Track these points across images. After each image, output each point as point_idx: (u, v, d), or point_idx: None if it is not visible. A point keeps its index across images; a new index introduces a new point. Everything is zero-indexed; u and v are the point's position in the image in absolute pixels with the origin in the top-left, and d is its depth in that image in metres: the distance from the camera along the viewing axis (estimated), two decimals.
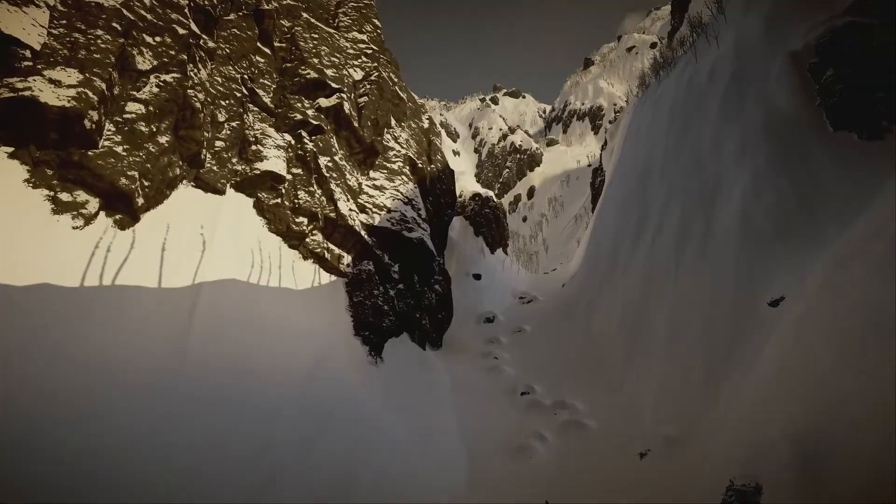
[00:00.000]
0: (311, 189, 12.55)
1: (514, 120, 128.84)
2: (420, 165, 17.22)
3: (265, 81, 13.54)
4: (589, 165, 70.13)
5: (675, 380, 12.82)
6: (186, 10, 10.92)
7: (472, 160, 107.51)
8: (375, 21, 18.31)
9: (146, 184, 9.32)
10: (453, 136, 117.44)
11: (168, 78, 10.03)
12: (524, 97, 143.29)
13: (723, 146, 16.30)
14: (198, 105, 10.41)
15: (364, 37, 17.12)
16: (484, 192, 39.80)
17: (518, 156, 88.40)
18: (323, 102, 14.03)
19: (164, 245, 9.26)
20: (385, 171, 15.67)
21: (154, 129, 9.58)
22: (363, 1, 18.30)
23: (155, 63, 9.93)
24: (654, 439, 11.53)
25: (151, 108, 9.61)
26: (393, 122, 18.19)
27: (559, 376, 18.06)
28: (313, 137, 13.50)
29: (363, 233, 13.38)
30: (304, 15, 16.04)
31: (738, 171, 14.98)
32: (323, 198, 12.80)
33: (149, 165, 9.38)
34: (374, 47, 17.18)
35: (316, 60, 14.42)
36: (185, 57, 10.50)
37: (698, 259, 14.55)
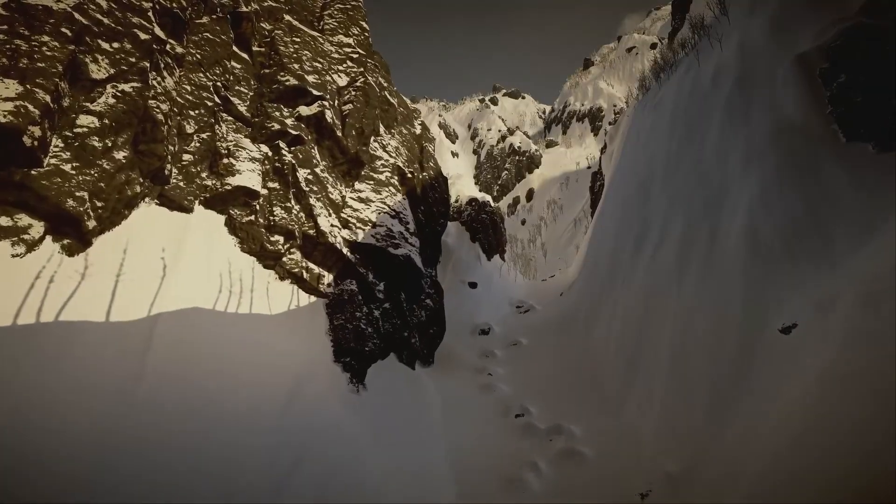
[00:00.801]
0: (289, 205, 11.73)
1: (513, 121, 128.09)
2: (409, 175, 16.40)
3: (241, 89, 12.71)
4: (588, 168, 69.34)
5: (678, 407, 12.00)
6: (150, 14, 10.10)
7: (471, 161, 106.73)
8: (363, 24, 17.48)
9: (99, 204, 8.51)
10: (452, 137, 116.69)
11: (127, 87, 9.20)
12: (524, 98, 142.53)
13: (728, 155, 15.47)
14: (160, 116, 9.59)
15: (350, 40, 16.29)
16: (481, 196, 39.00)
17: (517, 157, 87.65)
18: (303, 111, 13.20)
19: (120, 271, 8.45)
20: (371, 183, 14.85)
21: (109, 144, 8.76)
22: (350, 2, 17.47)
23: (112, 71, 9.10)
24: (656, 476, 10.72)
25: (107, 121, 8.79)
26: (381, 129, 17.36)
27: (555, 396, 17.26)
28: (292, 148, 12.68)
29: (345, 250, 12.57)
30: (287, 17, 15.21)
31: (744, 182, 14.13)
32: (301, 214, 11.98)
33: (102, 184, 8.56)
34: (361, 51, 16.35)
35: (296, 66, 13.59)
36: (148, 64, 9.68)
37: (702, 275, 13.72)
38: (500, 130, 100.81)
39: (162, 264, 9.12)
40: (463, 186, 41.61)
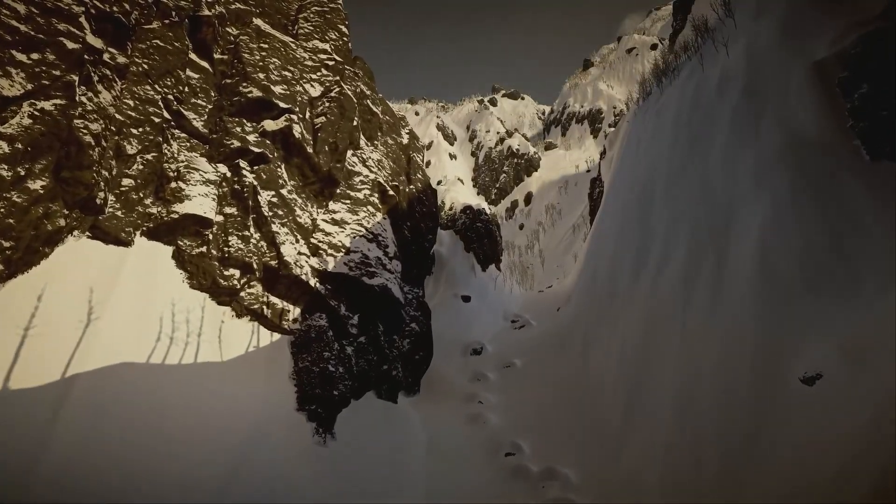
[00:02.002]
0: (247, 233, 10.45)
1: (512, 122, 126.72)
2: (391, 193, 15.10)
3: (198, 101, 11.42)
4: (588, 171, 68.00)
5: (685, 459, 10.68)
6: (82, 20, 8.81)
7: (470, 164, 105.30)
8: (342, 28, 16.18)
9: (7, 244, 7.24)
10: (450, 138, 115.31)
11: (48, 105, 7.92)
12: (523, 98, 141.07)
13: (736, 169, 14.13)
14: (88, 138, 8.31)
15: (326, 46, 14.99)
16: (476, 204, 37.68)
17: (515, 160, 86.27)
18: (269, 125, 11.92)
19: (30, 324, 7.18)
20: (347, 202, 13.56)
21: (22, 173, 7.49)
22: (329, 5, 16.17)
23: (29, 87, 7.82)
24: None
25: (20, 146, 7.51)
26: (363, 141, 16.07)
27: (550, 431, 15.95)
28: (255, 168, 11.40)
29: (313, 281, 11.29)
30: (256, 21, 13.92)
31: (754, 201, 12.77)
32: (262, 242, 10.70)
33: (12, 220, 7.29)
34: (338, 58, 15.04)
35: (262, 75, 12.30)
36: (76, 77, 8.40)
37: (710, 304, 12.39)
38: (498, 132, 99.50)
39: (87, 309, 7.84)
40: (458, 193, 40.32)
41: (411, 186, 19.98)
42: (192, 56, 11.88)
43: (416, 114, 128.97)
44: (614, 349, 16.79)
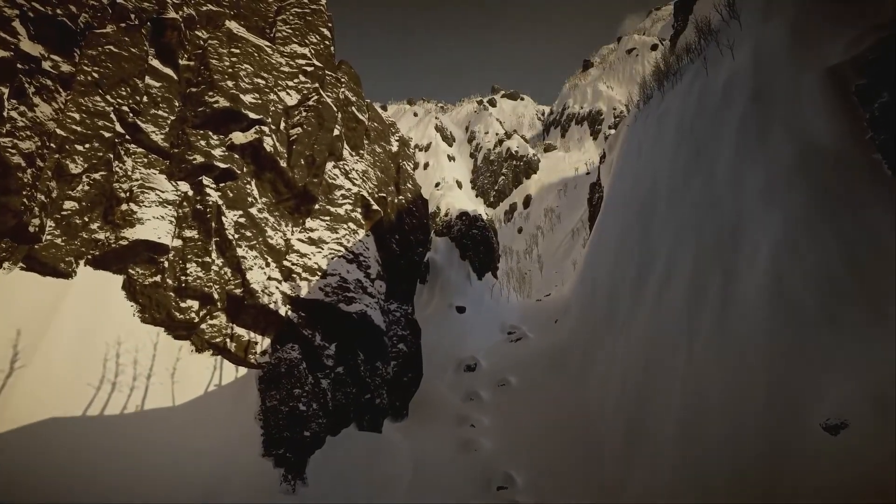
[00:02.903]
0: (208, 259, 9.46)
1: (511, 123, 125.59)
2: (375, 207, 14.08)
3: (160, 113, 10.43)
4: (587, 173, 66.94)
5: None
6: (16, 24, 7.84)
7: (468, 165, 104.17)
8: (324, 31, 15.18)
9: None
10: (449, 139, 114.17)
11: None
12: (522, 99, 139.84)
13: (743, 181, 13.10)
14: (17, 159, 7.32)
15: (305, 50, 13.98)
16: (472, 210, 36.71)
17: (514, 162, 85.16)
18: (237, 138, 10.93)
19: None
20: (327, 219, 12.57)
21: None
22: (310, 6, 15.17)
23: None
24: None
25: None
26: (346, 151, 15.07)
27: (545, 460, 14.95)
28: (221, 185, 10.41)
29: (285, 309, 10.30)
30: (229, 24, 12.93)
31: (764, 217, 11.74)
32: (226, 269, 9.72)
33: None
34: (318, 63, 14.03)
35: (231, 83, 11.30)
36: (5, 90, 7.42)
37: (717, 331, 11.37)
38: (497, 134, 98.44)
39: (11, 356, 6.86)
40: (454, 198, 39.33)
41: (400, 197, 18.99)
42: (154, 62, 10.89)
43: (415, 114, 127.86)
44: (614, 372, 15.81)
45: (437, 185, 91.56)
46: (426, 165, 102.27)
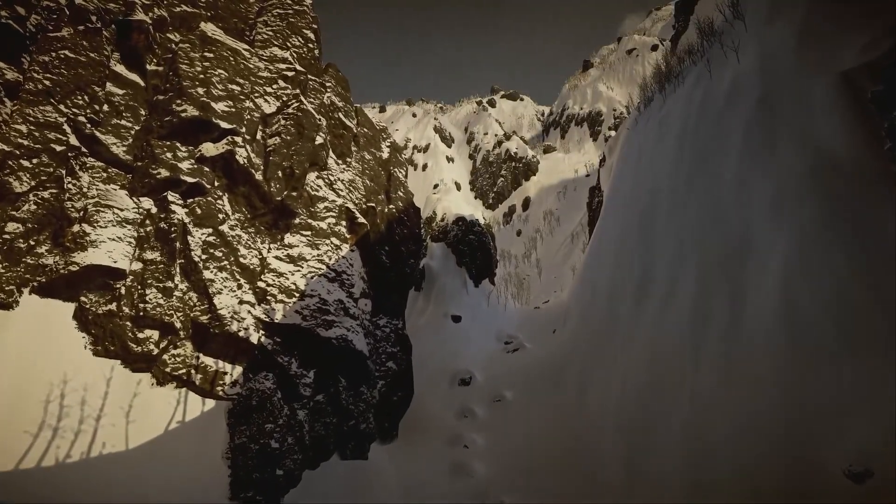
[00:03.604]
0: (171, 284, 8.66)
1: (511, 123, 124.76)
2: (361, 221, 13.28)
3: (122, 122, 9.64)
4: (587, 175, 66.10)
5: None
6: None
7: (467, 166, 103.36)
8: (307, 32, 14.37)
9: None
10: (448, 140, 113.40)
11: None
12: (522, 99, 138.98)
13: (751, 192, 12.27)
14: None
15: (286, 54, 13.17)
16: (469, 215, 35.86)
17: (513, 164, 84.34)
18: (207, 149, 10.13)
19: None
20: (308, 234, 11.76)
21: None
22: (293, 7, 14.36)
23: None
24: None
25: None
26: (332, 159, 14.26)
27: (541, 486, 14.21)
28: (189, 201, 9.61)
29: (257, 336, 9.50)
30: (204, 26, 12.12)
31: (774, 231, 10.90)
32: (191, 294, 8.92)
33: None
34: (300, 67, 13.23)
35: (201, 90, 10.50)
36: None
37: (724, 358, 10.55)
38: (496, 135, 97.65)
39: None
40: (450, 202, 38.49)
41: (391, 206, 18.17)
42: (118, 68, 10.10)
43: (414, 115, 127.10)
44: (614, 390, 15.01)
45: (436, 186, 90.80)
46: (425, 167, 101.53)
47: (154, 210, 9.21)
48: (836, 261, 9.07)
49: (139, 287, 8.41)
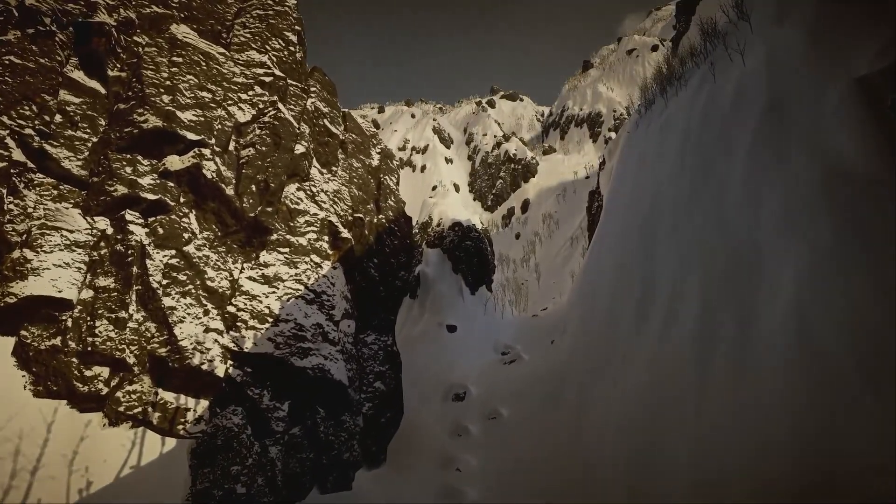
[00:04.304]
0: (124, 314, 7.85)
1: (510, 124, 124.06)
2: (345, 235, 12.46)
3: (78, 134, 8.83)
4: (587, 177, 65.31)
5: None
6: None
7: (466, 168, 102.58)
8: (289, 35, 13.55)
9: None
10: (447, 141, 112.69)
11: None
12: (522, 100, 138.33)
13: (759, 204, 11.40)
14: None
15: (265, 58, 12.35)
16: (465, 220, 35.06)
17: (512, 166, 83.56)
18: (172, 163, 9.32)
19: None
20: (286, 251, 10.96)
21: None
22: (273, 7, 13.55)
23: None
24: None
25: None
26: (315, 169, 13.45)
27: None
28: (150, 220, 8.81)
29: (224, 367, 8.70)
30: (175, 29, 11.31)
31: (784, 246, 10.02)
32: (148, 324, 8.11)
33: None
34: (279, 72, 12.41)
35: (166, 98, 9.69)
36: None
37: (731, 382, 9.67)
38: (495, 136, 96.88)
39: None
40: (447, 206, 37.64)
41: (381, 216, 17.36)
42: (75, 74, 9.29)
43: (413, 116, 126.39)
44: (613, 413, 14.17)
45: (434, 188, 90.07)
46: (423, 168, 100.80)
47: (110, 231, 8.40)
48: (851, 281, 8.20)
49: (88, 319, 7.59)
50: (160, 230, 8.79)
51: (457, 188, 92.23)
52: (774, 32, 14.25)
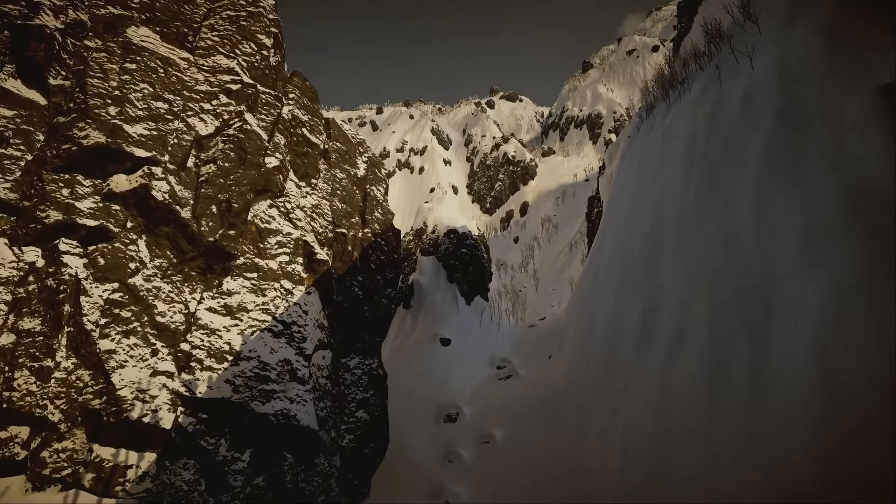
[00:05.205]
0: (50, 362, 6.82)
1: (510, 125, 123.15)
2: (322, 257, 11.40)
3: (9, 152, 7.79)
4: (586, 180, 64.35)
5: None
6: None
7: (465, 169, 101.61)
8: (262, 38, 12.50)
9: None
10: (445, 143, 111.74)
11: None
12: (521, 100, 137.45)
13: (773, 223, 10.34)
14: None
15: (233, 63, 11.31)
16: (461, 227, 34.00)
17: (511, 168, 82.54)
18: (119, 184, 8.29)
19: None
20: (253, 277, 9.92)
21: None
22: (246, 8, 12.51)
23: None
24: None
25: None
26: (291, 183, 12.41)
27: None
28: (90, 249, 7.78)
29: (173, 416, 7.67)
30: (131, 32, 10.27)
31: (806, 274, 8.98)
32: (81, 371, 7.08)
33: None
34: (248, 79, 11.37)
35: (113, 111, 8.66)
36: None
37: (745, 426, 8.66)
38: (494, 137, 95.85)
39: None
40: (441, 213, 36.59)
41: (366, 230, 16.31)
42: (10, 84, 8.26)
43: (411, 117, 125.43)
44: (615, 443, 13.14)
45: (432, 190, 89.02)
46: (421, 170, 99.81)
47: (40, 263, 7.37)
48: (882, 315, 7.16)
49: (6, 369, 6.57)
50: (101, 261, 7.76)
51: (455, 190, 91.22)
52: (785, 34, 13.09)
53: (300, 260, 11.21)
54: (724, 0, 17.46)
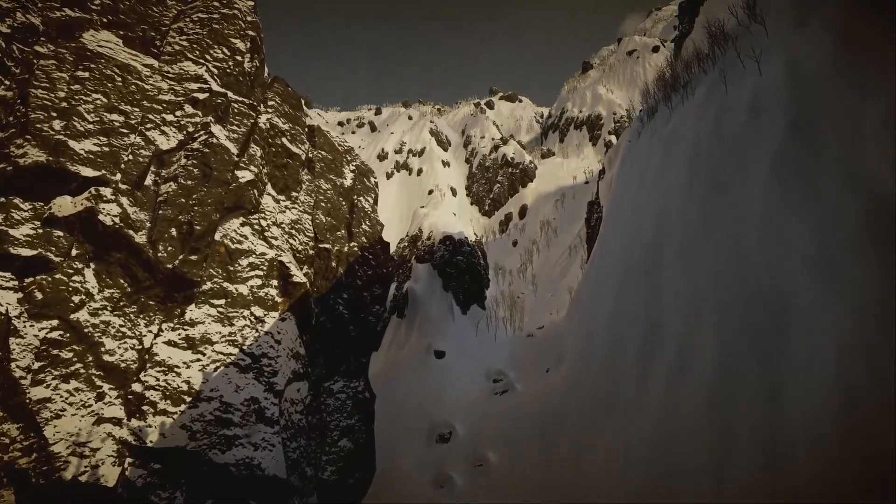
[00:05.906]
0: None
1: (509, 126, 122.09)
2: (299, 279, 10.53)
3: None
4: (586, 182, 63.44)
5: None
6: None
7: (464, 171, 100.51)
8: (236, 42, 11.62)
9: None
10: (444, 144, 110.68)
11: None
12: (521, 101, 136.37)
13: (786, 239, 9.46)
14: None
15: (202, 70, 10.43)
16: (457, 233, 33.12)
17: (510, 170, 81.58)
18: (62, 207, 7.43)
19: None
20: (221, 304, 9.06)
21: None
22: (220, 10, 11.64)
23: None
24: None
25: None
26: (269, 197, 11.55)
27: None
28: (27, 282, 6.94)
29: (118, 471, 6.82)
30: (90, 37, 9.41)
31: (822, 295, 8.09)
32: (7, 425, 6.23)
33: None
34: (218, 87, 10.49)
35: (57, 125, 7.79)
36: None
37: (760, 470, 7.81)
38: (493, 139, 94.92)
39: None
40: (437, 219, 35.71)
41: (353, 244, 15.43)
42: None
43: (410, 118, 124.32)
44: (614, 472, 12.26)
45: (430, 192, 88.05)
46: (420, 171, 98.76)
47: None
48: None
49: None
50: (38, 295, 6.90)
51: (454, 192, 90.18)
52: (795, 37, 12.16)
53: (274, 283, 10.34)
54: (728, 1, 16.54)
